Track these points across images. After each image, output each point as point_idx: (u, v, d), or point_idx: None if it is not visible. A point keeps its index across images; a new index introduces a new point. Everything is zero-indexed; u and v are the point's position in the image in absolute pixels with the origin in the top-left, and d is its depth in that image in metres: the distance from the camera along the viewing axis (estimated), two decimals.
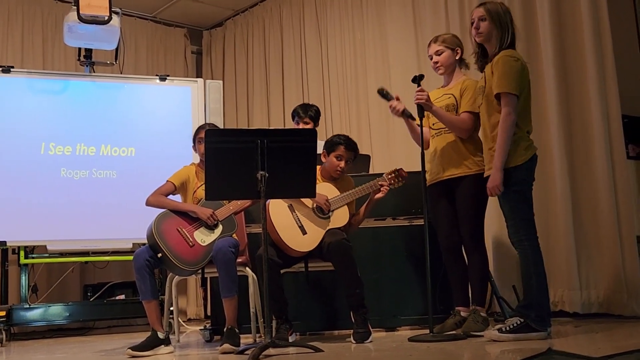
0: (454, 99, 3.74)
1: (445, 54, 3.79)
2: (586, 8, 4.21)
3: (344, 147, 3.84)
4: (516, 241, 3.36)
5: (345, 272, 3.63)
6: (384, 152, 5.56)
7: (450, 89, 3.81)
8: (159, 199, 3.86)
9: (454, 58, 3.81)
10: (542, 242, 3.42)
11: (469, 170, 3.66)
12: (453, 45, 3.80)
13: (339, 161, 3.84)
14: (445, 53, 3.79)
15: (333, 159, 3.85)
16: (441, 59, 3.80)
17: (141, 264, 3.62)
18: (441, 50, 3.80)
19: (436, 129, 3.81)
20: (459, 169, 3.68)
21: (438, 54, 3.81)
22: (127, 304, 5.29)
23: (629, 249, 4.02)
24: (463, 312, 3.73)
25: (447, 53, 3.79)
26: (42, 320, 5.08)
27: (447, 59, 3.80)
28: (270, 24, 6.84)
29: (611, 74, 4.15)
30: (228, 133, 3.45)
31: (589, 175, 4.20)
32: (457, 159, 3.69)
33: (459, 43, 3.85)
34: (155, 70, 6.78)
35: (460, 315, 3.72)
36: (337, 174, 3.87)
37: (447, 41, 3.81)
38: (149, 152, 5.45)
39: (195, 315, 6.62)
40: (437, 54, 3.81)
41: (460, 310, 3.75)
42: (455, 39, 3.86)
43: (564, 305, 4.21)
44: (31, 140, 5.19)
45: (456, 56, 3.81)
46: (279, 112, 6.67)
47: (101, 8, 5.14)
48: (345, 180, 3.95)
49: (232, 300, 3.60)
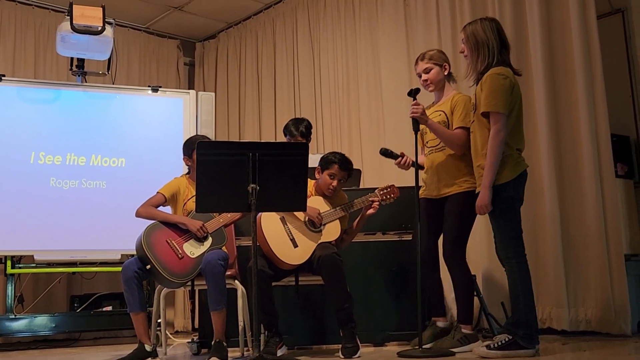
0: (445, 115, 3.74)
1: (434, 71, 3.79)
2: (576, 28, 4.26)
3: (338, 166, 3.82)
4: (504, 258, 3.38)
5: (335, 286, 3.63)
6: (375, 166, 5.56)
7: (441, 105, 3.81)
8: (149, 210, 3.85)
9: (443, 74, 3.81)
10: (531, 259, 3.43)
11: (459, 188, 3.66)
12: (440, 62, 3.80)
13: (332, 179, 3.83)
14: (433, 70, 3.79)
15: (326, 177, 3.84)
16: (430, 76, 3.79)
17: (130, 276, 3.61)
18: (429, 67, 3.80)
19: (429, 147, 3.81)
20: (450, 188, 3.69)
21: (426, 71, 3.80)
22: (114, 315, 5.25)
23: (617, 268, 4.05)
24: (439, 322, 3.75)
25: (435, 70, 3.79)
26: (28, 330, 5.03)
27: (436, 76, 3.79)
28: (263, 37, 6.86)
29: (600, 93, 4.19)
30: (220, 145, 3.45)
31: (578, 193, 4.23)
32: (447, 178, 3.69)
33: (446, 58, 3.85)
34: (148, 81, 6.77)
35: (437, 325, 3.73)
36: (330, 192, 3.85)
37: (434, 58, 3.80)
38: (140, 163, 5.43)
39: (183, 327, 6.58)
40: (425, 72, 3.80)
41: (436, 320, 3.76)
42: (442, 55, 3.85)
43: (552, 323, 4.22)
44: (21, 149, 5.16)
45: (444, 72, 3.80)
46: (270, 125, 6.67)
47: (95, 18, 5.15)
48: (338, 195, 3.95)
49: (220, 313, 3.59)
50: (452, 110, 3.71)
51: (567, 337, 4.08)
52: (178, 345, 5.12)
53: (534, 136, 4.38)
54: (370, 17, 5.84)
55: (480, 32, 3.45)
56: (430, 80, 3.79)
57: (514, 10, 4.64)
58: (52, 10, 6.41)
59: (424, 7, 5.32)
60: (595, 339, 3.95)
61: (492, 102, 3.32)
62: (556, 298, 4.20)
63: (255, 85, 6.91)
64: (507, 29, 4.54)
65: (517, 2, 4.64)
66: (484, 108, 3.34)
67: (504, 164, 3.34)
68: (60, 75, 6.24)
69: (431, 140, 3.78)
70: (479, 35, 3.44)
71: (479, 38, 3.44)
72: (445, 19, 5.12)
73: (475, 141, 3.50)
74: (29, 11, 6.31)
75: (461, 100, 3.70)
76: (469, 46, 3.48)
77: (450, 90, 3.84)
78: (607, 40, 4.55)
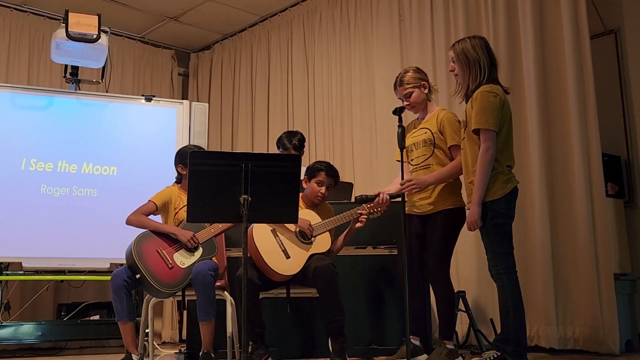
0: (430, 133, 3.74)
1: (415, 94, 3.80)
2: (570, 48, 4.30)
3: (325, 174, 3.86)
4: (495, 274, 3.38)
5: (329, 298, 3.61)
6: (367, 180, 5.57)
7: (426, 123, 3.81)
8: (140, 219, 3.83)
9: (424, 94, 3.82)
10: (520, 277, 3.42)
11: (442, 206, 3.66)
12: (418, 83, 3.80)
13: (320, 187, 3.86)
14: (414, 93, 3.79)
15: (314, 185, 3.87)
16: (412, 100, 3.80)
17: (119, 285, 3.58)
18: (409, 92, 3.80)
19: (414, 165, 3.82)
20: (434, 205, 3.67)
21: (407, 96, 3.81)
22: (101, 324, 5.22)
23: (606, 286, 4.06)
24: (413, 339, 3.71)
25: (415, 93, 3.79)
26: (13, 338, 4.98)
27: (418, 98, 3.80)
28: (257, 49, 6.88)
29: (592, 113, 4.22)
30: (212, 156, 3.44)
31: (569, 211, 4.25)
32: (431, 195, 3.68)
33: (423, 77, 3.83)
34: (141, 91, 6.77)
35: (412, 343, 3.70)
36: (318, 200, 3.88)
37: (411, 81, 3.80)
38: (131, 172, 5.42)
39: (170, 338, 6.53)
40: (406, 97, 3.81)
41: (412, 338, 3.73)
42: (418, 74, 3.83)
43: (540, 341, 4.22)
44: (12, 155, 5.14)
45: (425, 91, 3.82)
46: (263, 137, 6.68)
47: (90, 26, 5.16)
48: (325, 207, 3.96)
49: (209, 324, 3.57)
50: (440, 129, 3.72)
51: (555, 355, 4.08)
52: (165, 356, 5.08)
53: (525, 154, 4.40)
54: (365, 32, 5.87)
55: (471, 50, 3.47)
56: (412, 103, 3.81)
57: (507, 28, 4.68)
58: (47, 17, 6.42)
59: (418, 22, 5.36)
60: (583, 357, 3.95)
61: (482, 119, 3.34)
62: (545, 316, 4.21)
63: (249, 96, 6.92)
64: (500, 46, 4.60)
65: (510, 20, 4.68)
66: (475, 125, 3.36)
67: (494, 181, 3.35)
68: (54, 82, 6.24)
69: (416, 158, 3.78)
70: (470, 53, 3.46)
71: (470, 56, 3.46)
72: (439, 34, 5.15)
73: (466, 158, 3.51)
74: (23, 18, 6.31)
75: (447, 119, 3.72)
76: (460, 64, 3.49)
77: (434, 106, 3.86)
78: (600, 60, 4.59)
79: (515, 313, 3.30)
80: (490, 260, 3.39)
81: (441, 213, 3.65)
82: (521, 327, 3.32)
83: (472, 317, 4.25)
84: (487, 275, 3.53)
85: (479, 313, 4.46)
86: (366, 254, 4.25)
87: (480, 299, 4.54)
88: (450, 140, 3.69)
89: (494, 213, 3.34)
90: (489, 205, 3.34)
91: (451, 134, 3.68)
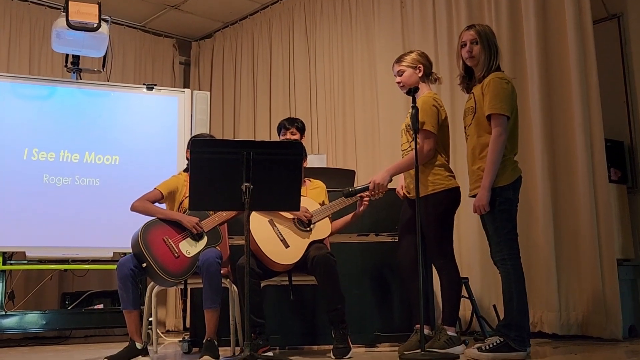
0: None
1: (406, 74, 3.80)
2: (572, 33, 4.28)
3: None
4: (499, 260, 3.38)
5: (328, 287, 3.62)
6: (369, 166, 5.57)
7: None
8: (145, 205, 3.83)
9: (417, 76, 3.80)
10: (523, 263, 3.42)
11: (434, 189, 3.61)
12: (414, 64, 3.80)
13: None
14: (406, 72, 3.80)
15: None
16: (403, 78, 3.81)
17: (125, 274, 3.58)
18: (402, 70, 3.81)
19: (403, 149, 3.81)
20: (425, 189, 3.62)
21: (399, 74, 3.82)
22: (105, 313, 5.23)
23: (609, 272, 4.06)
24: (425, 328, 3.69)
25: (407, 72, 3.80)
26: (18, 328, 5.01)
27: (409, 78, 3.79)
28: (259, 37, 6.86)
29: (595, 98, 4.20)
30: (214, 144, 3.43)
31: (571, 197, 4.24)
32: (422, 178, 3.62)
33: (422, 60, 3.81)
34: (143, 80, 6.76)
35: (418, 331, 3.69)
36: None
37: (408, 60, 3.81)
38: (133, 161, 5.42)
39: (174, 327, 6.56)
40: (399, 74, 3.83)
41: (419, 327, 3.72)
42: (418, 57, 3.82)
43: (543, 326, 4.23)
44: (14, 145, 5.14)
45: (418, 73, 3.80)
46: (265, 125, 6.67)
47: (90, 15, 5.14)
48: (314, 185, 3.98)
49: (214, 311, 3.57)
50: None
51: (558, 340, 4.09)
52: (169, 344, 5.11)
53: (528, 140, 4.39)
54: (367, 19, 5.84)
55: (490, 34, 3.52)
56: (402, 82, 3.82)
57: (510, 14, 4.65)
58: (47, 6, 6.40)
59: (420, 9, 5.33)
60: (586, 342, 3.96)
61: (497, 104, 3.35)
62: (547, 301, 4.21)
63: (251, 85, 6.91)
64: (503, 32, 4.58)
65: (513, 6, 4.66)
66: (489, 110, 3.36)
67: (504, 167, 3.36)
68: (55, 71, 6.23)
69: (405, 143, 3.78)
70: (490, 37, 3.50)
71: (490, 40, 3.49)
72: (441, 21, 5.14)
73: (473, 144, 3.50)
74: (24, 7, 6.29)
75: (421, 101, 3.65)
76: (482, 45, 3.48)
77: (423, 91, 3.80)
78: (603, 46, 4.57)
79: (518, 299, 3.31)
80: (495, 246, 3.39)
81: (429, 197, 3.62)
82: (524, 312, 3.33)
83: (475, 303, 4.25)
84: (489, 262, 3.53)
85: (482, 299, 4.47)
86: (369, 241, 4.24)
87: (483, 285, 4.55)
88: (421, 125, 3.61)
89: (502, 199, 3.34)
90: (498, 191, 3.34)
91: (422, 116, 3.61)
